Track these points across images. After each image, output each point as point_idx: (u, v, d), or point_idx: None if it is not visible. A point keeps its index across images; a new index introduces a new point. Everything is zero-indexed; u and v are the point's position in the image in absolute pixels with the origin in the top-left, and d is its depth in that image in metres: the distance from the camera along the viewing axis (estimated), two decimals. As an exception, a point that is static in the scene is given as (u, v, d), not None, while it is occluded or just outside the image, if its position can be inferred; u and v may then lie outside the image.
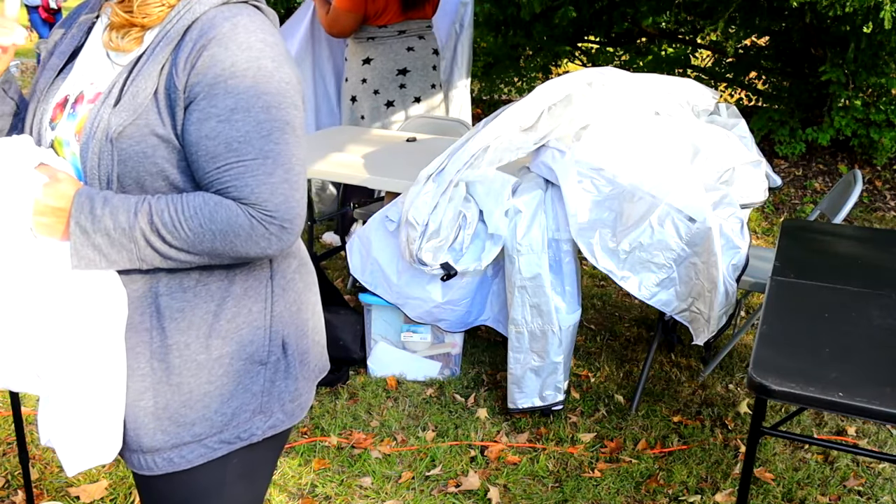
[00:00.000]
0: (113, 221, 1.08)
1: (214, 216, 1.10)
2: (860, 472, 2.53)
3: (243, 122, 1.09)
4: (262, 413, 1.23)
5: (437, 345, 2.99)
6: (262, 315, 1.21)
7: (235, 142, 1.09)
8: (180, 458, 1.19)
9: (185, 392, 1.17)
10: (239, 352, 1.19)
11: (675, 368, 3.16)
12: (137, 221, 1.09)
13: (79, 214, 1.08)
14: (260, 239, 1.12)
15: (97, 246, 1.09)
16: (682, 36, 7.03)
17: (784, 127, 5.76)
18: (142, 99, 1.10)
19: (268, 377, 1.23)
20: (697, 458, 2.59)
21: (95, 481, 2.36)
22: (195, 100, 1.09)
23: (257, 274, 1.21)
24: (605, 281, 3.98)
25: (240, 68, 1.09)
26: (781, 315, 1.89)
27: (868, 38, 5.01)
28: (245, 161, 1.10)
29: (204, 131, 1.09)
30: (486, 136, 2.56)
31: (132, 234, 1.09)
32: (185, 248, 1.10)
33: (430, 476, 2.47)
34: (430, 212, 2.52)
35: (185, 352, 1.16)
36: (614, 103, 2.72)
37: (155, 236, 1.09)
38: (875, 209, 5.28)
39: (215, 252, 1.11)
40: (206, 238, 1.10)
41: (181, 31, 1.11)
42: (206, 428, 1.19)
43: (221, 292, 1.18)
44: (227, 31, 1.10)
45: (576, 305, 2.65)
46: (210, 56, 1.08)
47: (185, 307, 1.16)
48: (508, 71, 7.32)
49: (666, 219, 2.45)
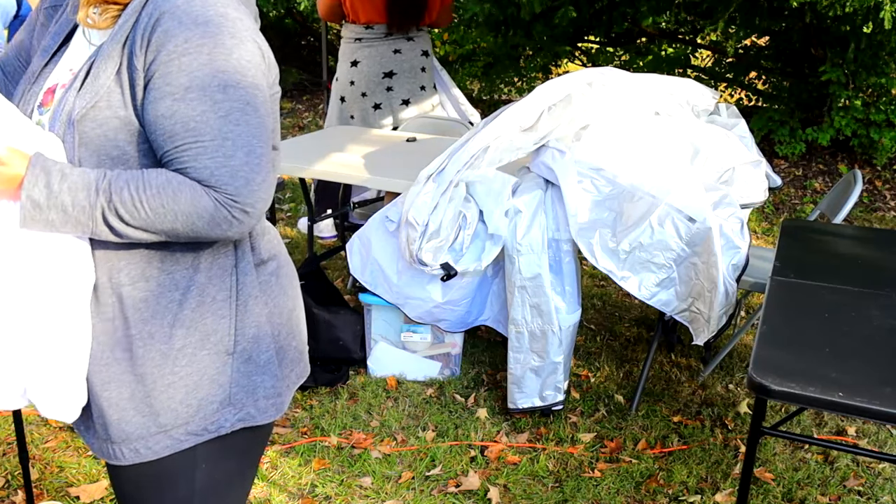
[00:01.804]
0: (71, 198, 1.05)
1: (178, 196, 1.06)
2: (860, 472, 2.53)
3: (199, 102, 1.05)
4: (231, 405, 1.21)
5: (437, 345, 2.99)
6: (227, 304, 1.18)
7: (192, 121, 1.05)
8: (146, 448, 1.18)
9: (150, 382, 1.15)
10: (203, 341, 1.17)
11: (675, 368, 3.16)
12: (98, 199, 1.05)
13: (32, 188, 1.04)
14: (222, 221, 1.08)
15: (50, 221, 1.06)
16: (682, 36, 7.03)
17: (784, 127, 5.76)
18: (103, 80, 1.07)
19: (236, 368, 1.20)
20: (697, 458, 2.59)
21: (95, 481, 2.36)
22: (152, 78, 1.05)
23: (221, 262, 1.18)
24: (605, 281, 3.98)
25: (194, 44, 1.04)
26: (781, 315, 1.89)
27: (868, 38, 5.01)
28: (203, 142, 1.06)
29: (160, 110, 1.05)
30: (486, 136, 2.56)
31: (92, 213, 1.06)
32: (143, 227, 1.07)
33: (430, 476, 2.47)
34: (430, 212, 2.52)
35: (149, 341, 1.14)
36: (614, 103, 2.72)
37: (113, 215, 1.06)
38: (875, 209, 5.28)
39: (174, 232, 1.08)
40: (168, 218, 1.06)
41: (139, 7, 1.08)
42: (171, 419, 1.17)
43: (185, 281, 1.15)
44: (181, 3, 1.05)
45: (576, 305, 2.65)
46: (164, 32, 1.04)
47: (149, 297, 1.14)
48: (508, 71, 7.32)
49: (666, 219, 2.45)
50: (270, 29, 8.30)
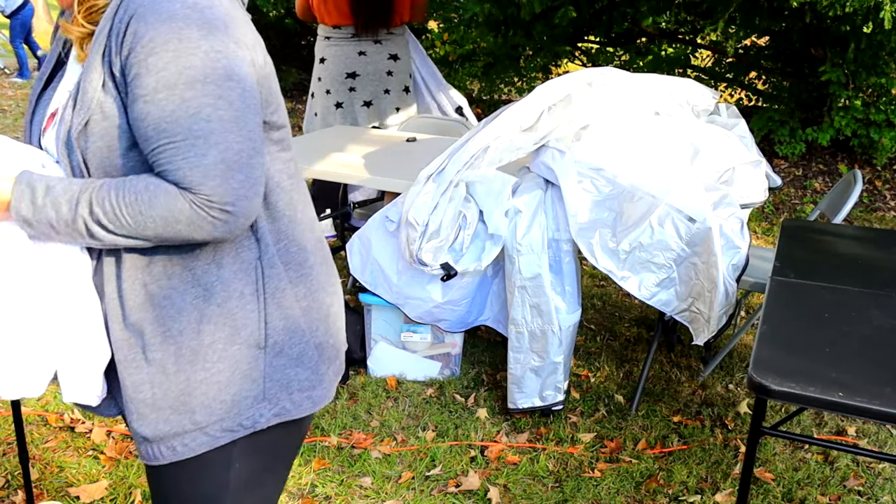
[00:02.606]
0: (55, 212, 1.06)
1: (154, 202, 1.05)
2: (860, 472, 2.53)
3: (167, 101, 1.02)
4: (265, 400, 1.20)
5: (437, 345, 2.99)
6: (255, 298, 1.17)
7: (163, 122, 1.03)
8: (183, 446, 1.18)
9: (182, 380, 1.15)
10: (233, 336, 1.16)
11: (675, 368, 3.16)
12: (78, 211, 1.05)
13: (18, 203, 1.05)
14: (203, 223, 1.06)
15: (43, 233, 1.08)
16: (682, 36, 7.03)
17: (784, 127, 5.76)
18: (91, 93, 1.06)
19: (268, 362, 1.19)
20: (697, 458, 2.59)
21: (95, 481, 2.36)
22: (127, 82, 1.04)
23: (245, 256, 1.17)
24: (605, 281, 3.98)
25: (159, 42, 1.01)
26: (781, 315, 1.89)
27: (868, 38, 5.01)
28: (175, 142, 1.03)
29: (134, 113, 1.04)
30: (486, 136, 2.56)
31: (75, 225, 1.06)
32: (128, 234, 1.07)
33: (430, 476, 2.47)
34: (430, 212, 2.52)
35: (179, 339, 1.14)
36: (614, 103, 2.72)
37: (97, 226, 1.06)
38: (875, 209, 5.28)
39: (160, 238, 1.08)
40: (148, 225, 1.06)
41: (111, 15, 1.06)
42: (205, 416, 1.17)
43: (208, 277, 1.14)
44: (148, 1, 1.03)
45: (576, 305, 2.65)
46: (132, 34, 1.02)
47: (172, 294, 1.13)
48: (508, 71, 7.33)
49: (666, 219, 2.45)
50: (270, 29, 8.30)
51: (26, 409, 2.69)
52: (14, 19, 9.55)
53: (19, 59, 9.60)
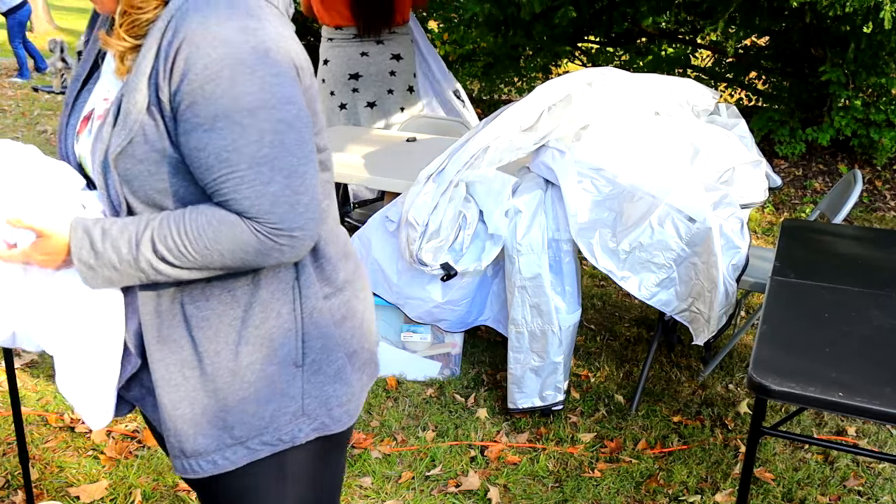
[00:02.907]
0: (116, 255, 1.05)
1: (219, 236, 1.04)
2: (860, 472, 2.53)
3: (228, 130, 1.00)
4: (304, 416, 1.19)
5: (437, 345, 2.99)
6: (292, 317, 1.16)
7: (224, 151, 1.01)
8: (224, 459, 1.17)
9: (221, 398, 1.15)
10: (270, 356, 1.15)
11: (675, 368, 3.16)
12: (140, 252, 1.04)
13: (79, 251, 1.05)
14: (272, 251, 1.06)
15: (107, 278, 1.07)
16: (682, 36, 7.03)
17: (784, 127, 5.76)
18: (135, 116, 1.03)
19: (307, 379, 1.18)
20: (697, 458, 2.59)
21: (95, 481, 2.36)
22: (179, 109, 1.01)
23: (282, 276, 1.15)
24: (605, 281, 3.98)
25: (214, 70, 0.98)
26: (781, 315, 1.89)
27: (868, 38, 5.01)
28: (239, 171, 1.01)
29: (192, 142, 1.02)
30: (486, 136, 2.56)
31: (138, 266, 1.05)
32: (193, 267, 1.06)
33: (430, 476, 2.47)
34: (430, 212, 2.52)
35: (216, 359, 1.13)
36: (614, 103, 2.72)
37: (163, 264, 1.05)
38: (875, 209, 5.29)
39: (228, 268, 1.07)
40: (215, 258, 1.05)
41: (158, 35, 1.02)
42: (245, 431, 1.16)
43: (247, 297, 1.13)
44: (197, 26, 0.98)
45: (576, 305, 2.65)
46: (184, 59, 0.99)
47: (211, 315, 1.13)
48: (508, 71, 7.33)
49: (666, 219, 2.45)
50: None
51: (26, 409, 2.69)
52: (11, 18, 9.53)
53: (19, 60, 9.59)
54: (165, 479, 2.39)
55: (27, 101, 8.09)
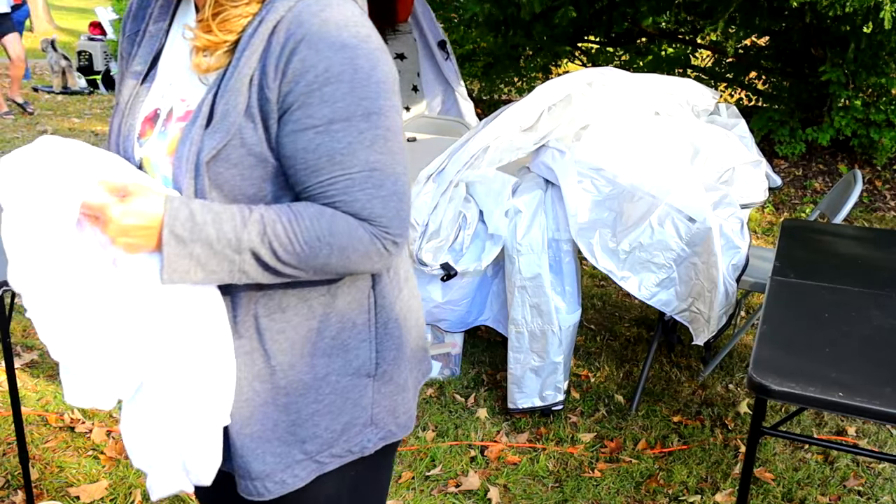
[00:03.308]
0: (216, 230, 0.97)
1: (334, 229, 1.00)
2: (860, 472, 2.53)
3: (344, 133, 0.99)
4: (373, 425, 1.17)
5: (437, 345, 2.99)
6: (367, 328, 1.14)
7: (339, 154, 0.99)
8: (293, 477, 1.13)
9: (293, 412, 1.11)
10: (345, 367, 1.13)
11: (675, 368, 3.16)
12: (246, 232, 0.98)
13: (173, 222, 0.96)
14: (374, 255, 1.03)
15: (195, 256, 0.97)
16: (682, 36, 7.03)
17: (784, 127, 5.76)
18: (233, 118, 1.00)
19: (377, 389, 1.16)
20: (697, 458, 2.59)
21: (95, 481, 2.36)
22: (289, 110, 0.99)
23: (359, 285, 1.13)
24: (605, 281, 3.98)
25: (334, 73, 0.97)
26: (781, 315, 1.89)
27: (868, 38, 5.01)
28: (351, 174, 1.00)
29: (301, 143, 0.99)
30: (486, 136, 2.56)
31: (238, 246, 0.97)
32: (293, 263, 1.00)
33: (430, 476, 2.46)
34: (430, 212, 2.52)
35: (290, 372, 1.09)
36: (614, 103, 2.72)
37: (266, 249, 0.98)
38: (875, 209, 5.29)
39: (325, 268, 1.02)
40: (322, 253, 1.00)
41: (266, 36, 0.99)
42: (316, 445, 1.13)
43: (323, 308, 1.10)
44: (317, 28, 0.98)
45: (576, 305, 2.65)
46: (300, 60, 0.97)
47: (287, 328, 1.09)
48: (508, 71, 7.33)
49: (666, 219, 2.45)
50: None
51: (26, 409, 2.69)
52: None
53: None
54: (165, 479, 2.38)
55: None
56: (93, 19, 9.76)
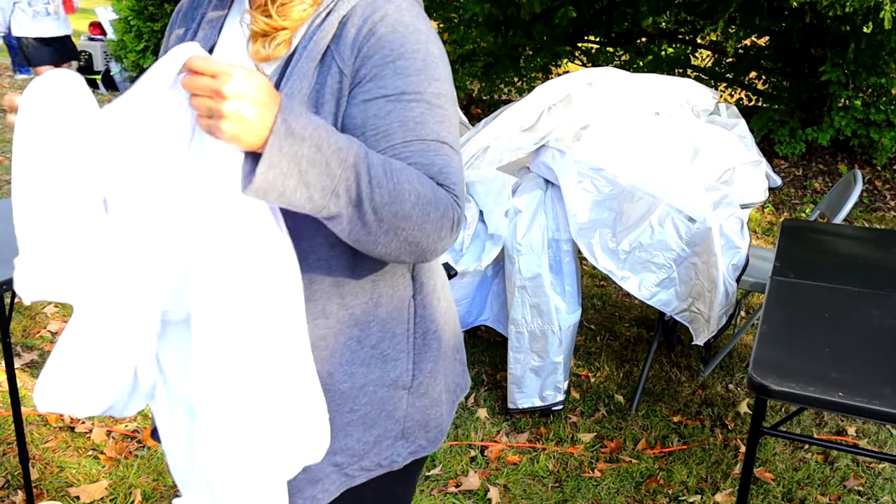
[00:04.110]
0: (328, 135, 0.88)
1: (423, 179, 0.96)
2: (860, 472, 2.53)
3: (417, 104, 1.00)
4: (403, 439, 1.15)
5: (437, 345, 2.99)
6: (406, 338, 1.12)
7: (412, 121, 0.99)
8: (323, 492, 1.10)
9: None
10: (383, 378, 1.10)
11: (675, 368, 3.16)
12: (354, 145, 0.91)
13: (288, 113, 0.86)
14: (447, 225, 0.98)
15: (299, 157, 0.86)
16: (682, 36, 7.03)
17: (784, 127, 5.76)
18: (298, 101, 1.00)
19: (411, 402, 1.14)
20: (697, 458, 2.59)
21: (95, 481, 2.36)
22: (361, 82, 1.00)
23: (400, 294, 1.11)
24: (605, 281, 3.98)
25: (409, 49, 1.01)
26: (781, 315, 1.89)
27: (868, 38, 5.01)
28: (426, 140, 0.99)
29: (372, 110, 0.99)
30: (486, 136, 2.56)
31: (345, 159, 0.89)
32: (381, 200, 0.92)
33: (430, 476, 2.46)
34: (430, 212, 2.52)
35: (329, 381, 1.07)
36: (614, 103, 2.73)
37: (365, 173, 0.90)
38: (875, 209, 5.29)
39: (403, 223, 0.94)
40: (409, 199, 0.93)
41: (336, 23, 1.01)
42: (346, 458, 1.11)
43: (365, 317, 1.08)
44: (393, 12, 1.01)
45: (576, 305, 2.65)
46: (377, 38, 1.00)
47: (328, 334, 1.06)
48: (508, 71, 7.33)
49: (666, 219, 2.45)
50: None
51: (26, 409, 2.69)
52: None
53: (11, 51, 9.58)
54: (165, 479, 2.39)
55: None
56: (93, 19, 9.75)
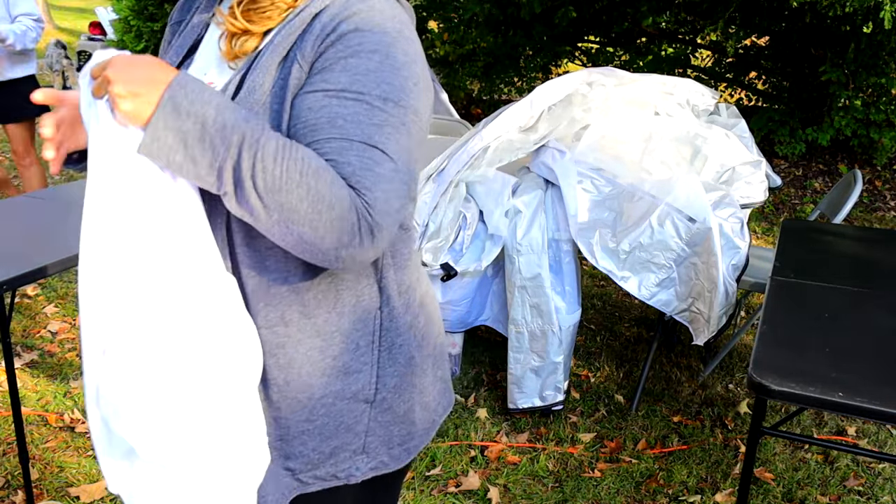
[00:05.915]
0: (216, 112, 0.90)
1: (321, 174, 0.91)
2: (860, 472, 2.53)
3: (355, 103, 0.95)
4: (364, 453, 1.12)
5: (437, 345, 2.99)
6: (369, 350, 1.09)
7: (340, 118, 0.95)
8: (278, 494, 1.10)
9: (282, 427, 1.08)
10: (343, 390, 1.08)
11: (675, 368, 3.16)
12: (246, 127, 0.91)
13: (178, 89, 0.89)
14: (347, 229, 0.93)
15: (183, 132, 0.88)
16: (682, 36, 7.03)
17: (784, 127, 5.77)
18: (258, 95, 0.99)
19: (373, 416, 1.11)
20: (697, 458, 2.59)
21: (95, 481, 2.36)
22: (310, 75, 0.98)
23: (365, 305, 1.08)
24: (605, 281, 3.98)
25: (366, 49, 0.96)
26: (781, 315, 1.89)
27: (868, 38, 5.01)
28: (352, 140, 0.95)
29: (308, 103, 0.96)
30: (486, 136, 2.56)
31: (230, 137, 0.89)
32: (263, 189, 0.90)
33: (430, 476, 2.47)
34: (431, 212, 2.52)
35: (285, 389, 1.05)
36: (614, 103, 2.73)
37: (249, 156, 0.90)
38: (875, 209, 5.29)
39: (291, 213, 0.91)
40: (298, 192, 0.90)
41: (307, 19, 0.99)
42: (300, 464, 1.10)
43: (329, 327, 1.06)
44: (364, 13, 0.98)
45: (576, 305, 2.65)
46: (338, 35, 0.97)
47: (287, 343, 1.04)
48: (508, 71, 7.33)
49: (666, 219, 2.45)
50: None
51: (26, 409, 2.69)
52: None
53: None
54: (165, 479, 2.38)
55: (27, 101, 8.10)
56: (93, 19, 9.75)
